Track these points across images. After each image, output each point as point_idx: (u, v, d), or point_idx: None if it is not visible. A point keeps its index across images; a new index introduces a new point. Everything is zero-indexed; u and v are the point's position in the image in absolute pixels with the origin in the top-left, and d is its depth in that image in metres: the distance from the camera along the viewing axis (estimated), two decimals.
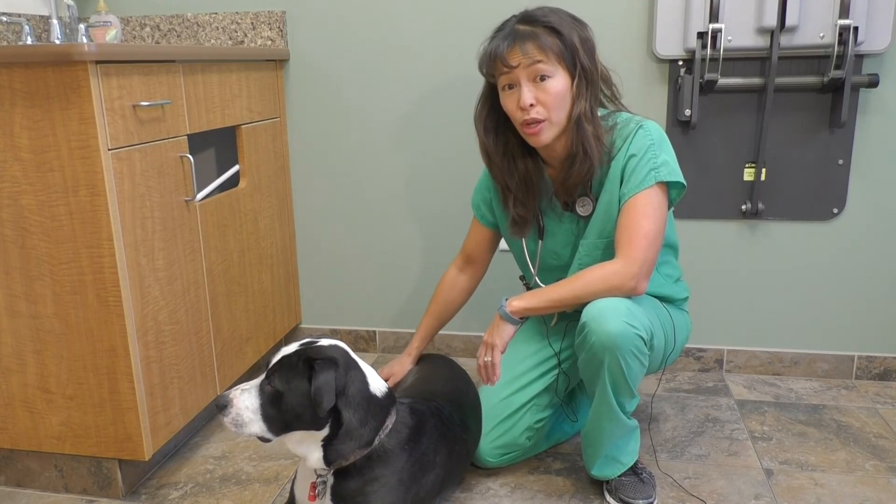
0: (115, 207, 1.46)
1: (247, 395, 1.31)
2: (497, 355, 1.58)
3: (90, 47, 1.36)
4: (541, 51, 1.44)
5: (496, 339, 1.57)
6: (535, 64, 1.44)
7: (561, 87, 1.46)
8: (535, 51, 1.44)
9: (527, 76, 1.45)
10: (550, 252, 1.67)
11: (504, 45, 1.46)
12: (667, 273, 1.69)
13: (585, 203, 1.60)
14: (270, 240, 2.19)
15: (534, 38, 1.44)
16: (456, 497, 1.64)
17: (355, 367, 1.35)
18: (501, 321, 1.57)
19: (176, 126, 1.66)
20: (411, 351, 1.82)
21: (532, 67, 1.44)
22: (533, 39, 1.44)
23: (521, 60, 1.44)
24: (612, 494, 1.59)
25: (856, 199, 2.07)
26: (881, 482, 1.67)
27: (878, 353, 2.17)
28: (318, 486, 1.36)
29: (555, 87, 1.46)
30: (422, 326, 1.83)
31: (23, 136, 1.43)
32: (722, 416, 1.98)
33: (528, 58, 1.44)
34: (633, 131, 1.52)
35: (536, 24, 1.46)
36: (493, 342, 1.58)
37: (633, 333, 1.43)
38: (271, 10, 2.22)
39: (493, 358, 1.58)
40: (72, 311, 1.52)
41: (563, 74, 1.46)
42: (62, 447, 1.62)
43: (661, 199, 1.51)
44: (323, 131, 2.28)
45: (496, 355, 1.57)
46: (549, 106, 1.46)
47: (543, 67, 1.44)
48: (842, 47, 1.88)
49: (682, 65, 2.03)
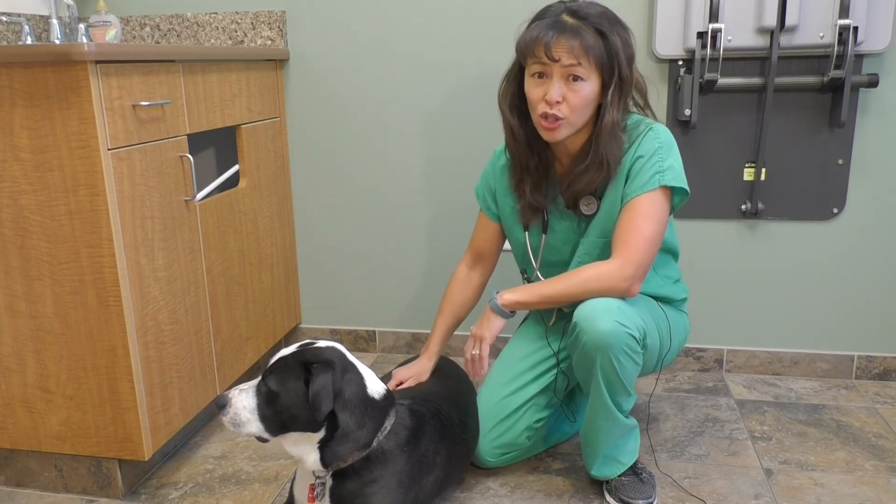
0: (115, 207, 1.46)
1: (244, 395, 1.31)
2: (485, 348, 1.56)
3: (90, 47, 1.36)
4: (584, 52, 1.41)
5: (485, 331, 1.56)
6: (575, 65, 1.42)
7: (590, 91, 1.45)
8: (579, 50, 1.41)
9: (561, 72, 1.44)
10: (550, 248, 1.67)
11: (551, 34, 1.42)
12: (666, 274, 1.69)
13: (590, 202, 1.59)
14: (270, 240, 2.19)
15: (580, 37, 1.41)
16: (456, 497, 1.64)
17: (352, 370, 1.35)
18: (492, 314, 1.56)
19: (176, 126, 1.66)
20: (430, 353, 1.75)
21: (570, 67, 1.42)
22: (579, 38, 1.41)
23: (564, 56, 1.42)
24: (612, 494, 1.59)
25: (856, 199, 2.07)
26: (881, 482, 1.67)
27: (878, 353, 2.16)
28: (316, 487, 1.36)
29: (585, 90, 1.44)
30: (438, 327, 1.78)
31: (23, 136, 1.43)
32: (722, 415, 1.98)
33: (571, 55, 1.41)
34: (643, 133, 1.52)
35: (585, 22, 1.43)
36: (481, 335, 1.57)
37: (625, 332, 1.43)
38: (271, 9, 2.22)
39: (482, 351, 1.57)
40: (72, 311, 1.52)
41: (595, 80, 1.45)
42: (62, 447, 1.62)
43: (664, 203, 1.51)
44: (323, 131, 2.28)
45: (484, 348, 1.56)
46: (574, 108, 1.45)
47: (580, 70, 1.43)
48: (842, 47, 1.88)
49: (681, 64, 2.03)
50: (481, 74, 2.15)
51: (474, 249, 1.80)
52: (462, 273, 1.81)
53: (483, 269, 1.81)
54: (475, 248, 1.79)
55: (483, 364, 1.57)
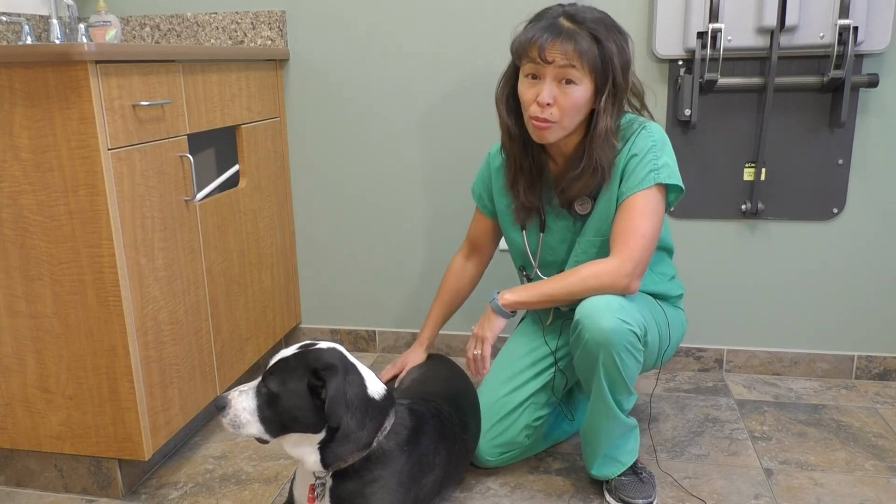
0: (115, 207, 1.46)
1: (244, 396, 1.31)
2: (487, 348, 1.57)
3: (90, 47, 1.36)
4: (578, 56, 1.42)
5: (486, 331, 1.57)
6: (568, 67, 1.42)
7: (582, 96, 1.45)
8: (573, 54, 1.42)
9: (554, 75, 1.44)
10: (547, 247, 1.68)
11: (546, 36, 1.42)
12: (661, 271, 1.70)
13: (584, 202, 1.60)
14: (270, 240, 2.19)
15: (575, 41, 1.41)
16: (455, 497, 1.64)
17: (353, 371, 1.35)
18: (493, 314, 1.57)
19: (176, 126, 1.66)
20: (423, 341, 1.82)
21: (563, 69, 1.43)
22: (574, 42, 1.41)
23: (557, 58, 1.42)
24: (612, 494, 1.59)
25: (856, 199, 2.07)
26: (881, 482, 1.67)
27: (878, 353, 2.17)
28: (316, 487, 1.36)
29: (576, 94, 1.45)
30: (431, 316, 1.84)
31: (23, 136, 1.43)
32: (722, 415, 1.98)
33: (564, 58, 1.42)
34: (637, 132, 1.52)
35: (581, 27, 1.43)
36: (483, 335, 1.57)
37: (627, 329, 1.43)
38: (271, 9, 2.22)
39: (483, 351, 1.57)
40: (72, 310, 1.52)
41: (588, 84, 1.45)
42: (62, 447, 1.62)
43: (660, 200, 1.51)
44: (323, 131, 2.28)
45: (486, 348, 1.57)
46: (565, 111, 1.46)
47: (573, 73, 1.43)
48: (842, 47, 1.88)
49: (681, 64, 2.03)
50: (481, 74, 2.15)
51: (470, 240, 1.84)
52: (458, 264, 1.85)
53: (478, 260, 1.85)
54: (471, 240, 1.84)
55: (485, 364, 1.58)
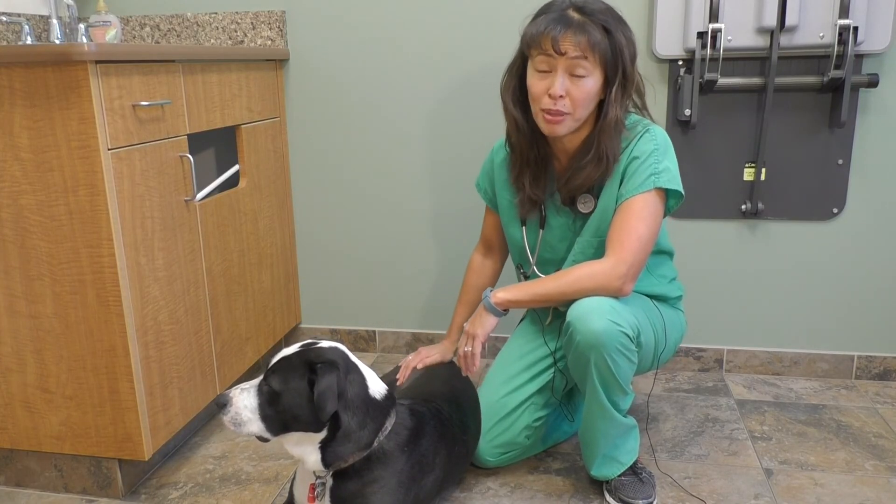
0: (115, 207, 1.46)
1: (246, 394, 1.31)
2: (477, 345, 1.57)
3: (90, 47, 1.36)
4: (590, 47, 1.42)
5: (478, 329, 1.57)
6: (580, 59, 1.43)
7: (593, 87, 1.46)
8: (585, 45, 1.42)
9: (565, 67, 1.44)
10: (546, 244, 1.68)
11: (559, 28, 1.43)
12: (661, 274, 1.69)
13: (587, 200, 1.60)
14: (270, 240, 2.19)
15: (587, 33, 1.42)
16: (455, 497, 1.64)
17: (355, 370, 1.35)
18: (485, 312, 1.57)
19: (176, 126, 1.66)
20: (452, 339, 1.83)
21: (575, 61, 1.43)
22: (586, 33, 1.42)
23: (570, 50, 1.42)
24: (612, 494, 1.59)
25: (856, 199, 2.07)
26: (881, 482, 1.67)
27: (878, 353, 2.17)
28: (316, 487, 1.36)
29: (588, 85, 1.45)
30: (458, 315, 1.85)
31: (23, 136, 1.43)
32: (722, 415, 1.98)
33: (577, 49, 1.42)
34: (640, 134, 1.53)
35: (591, 18, 1.44)
36: (474, 332, 1.58)
37: (618, 331, 1.43)
38: (271, 9, 2.22)
39: (474, 348, 1.58)
40: (72, 310, 1.52)
41: (599, 76, 1.46)
42: (62, 447, 1.62)
43: (658, 204, 1.51)
44: (323, 131, 2.28)
45: (476, 345, 1.57)
46: (577, 103, 1.46)
47: (585, 64, 1.44)
48: (842, 47, 1.88)
49: (681, 65, 2.03)
50: (481, 74, 2.15)
51: (484, 238, 1.85)
52: (477, 261, 1.87)
53: (496, 256, 1.87)
54: (485, 238, 1.85)
55: (475, 361, 1.58)
